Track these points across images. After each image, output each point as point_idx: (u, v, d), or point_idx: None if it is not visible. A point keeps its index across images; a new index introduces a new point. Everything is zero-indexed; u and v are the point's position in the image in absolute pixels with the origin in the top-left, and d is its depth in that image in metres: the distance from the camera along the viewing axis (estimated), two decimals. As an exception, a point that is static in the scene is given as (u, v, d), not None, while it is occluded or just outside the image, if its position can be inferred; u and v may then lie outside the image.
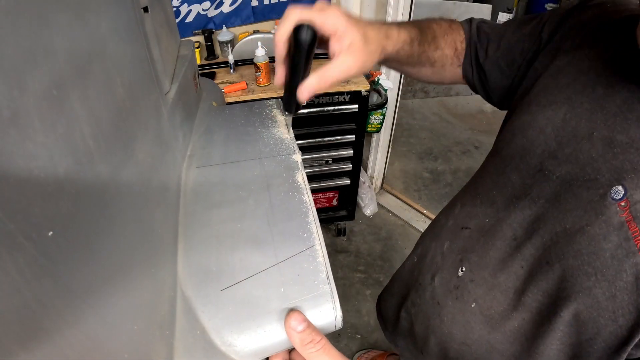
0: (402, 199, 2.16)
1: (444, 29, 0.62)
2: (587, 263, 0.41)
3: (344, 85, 1.46)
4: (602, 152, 0.42)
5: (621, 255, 0.38)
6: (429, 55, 0.60)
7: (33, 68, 0.19)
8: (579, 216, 0.42)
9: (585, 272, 0.41)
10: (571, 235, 0.43)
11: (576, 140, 0.45)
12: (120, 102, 0.31)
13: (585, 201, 0.42)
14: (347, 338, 1.59)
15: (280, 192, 0.47)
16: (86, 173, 0.24)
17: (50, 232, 0.19)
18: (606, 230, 0.40)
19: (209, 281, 0.39)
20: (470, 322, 0.54)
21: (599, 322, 0.40)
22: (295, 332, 0.34)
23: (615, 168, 0.41)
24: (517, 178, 0.51)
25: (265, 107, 0.65)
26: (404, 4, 1.56)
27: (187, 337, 0.36)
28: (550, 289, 0.44)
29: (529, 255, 0.47)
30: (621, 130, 0.41)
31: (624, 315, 0.38)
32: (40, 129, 0.19)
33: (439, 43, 0.61)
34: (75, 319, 0.21)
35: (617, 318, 0.38)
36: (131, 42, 0.37)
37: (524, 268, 0.47)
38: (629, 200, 0.39)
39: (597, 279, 0.40)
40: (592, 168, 0.43)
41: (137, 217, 0.32)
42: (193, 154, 0.54)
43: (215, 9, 1.63)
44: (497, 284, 0.50)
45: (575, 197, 0.43)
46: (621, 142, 0.41)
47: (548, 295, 0.45)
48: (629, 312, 0.38)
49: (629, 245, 0.38)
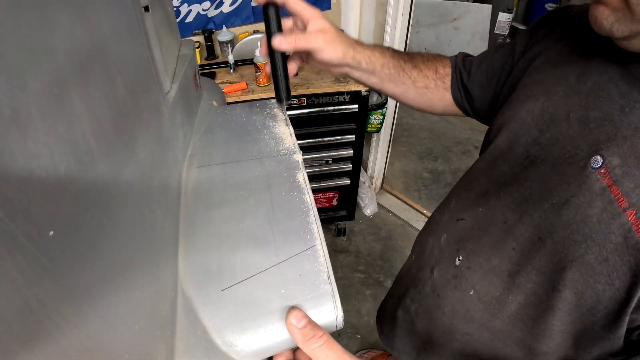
0: (402, 199, 2.16)
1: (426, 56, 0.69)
2: (576, 231, 0.43)
3: (344, 85, 1.46)
4: (580, 130, 0.45)
5: (607, 218, 0.40)
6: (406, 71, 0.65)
7: (34, 67, 0.19)
8: (564, 190, 0.45)
9: (576, 240, 0.42)
10: (558, 209, 0.45)
11: (555, 124, 0.48)
12: (121, 101, 0.31)
13: (569, 175, 0.45)
14: (347, 338, 1.58)
15: (281, 192, 0.47)
16: (87, 172, 0.24)
17: (51, 232, 0.19)
18: (590, 198, 0.42)
19: (209, 281, 0.38)
20: (470, 310, 0.56)
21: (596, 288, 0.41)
22: (297, 329, 0.34)
23: (593, 141, 0.44)
24: (506, 168, 0.54)
25: (266, 107, 0.65)
26: (404, 4, 1.56)
27: (188, 337, 0.35)
28: (544, 266, 0.46)
29: (519, 235, 0.49)
30: (594, 108, 0.45)
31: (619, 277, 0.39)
32: (41, 128, 0.19)
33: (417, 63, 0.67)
34: (76, 319, 0.21)
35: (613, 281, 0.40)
36: (132, 41, 0.37)
37: (516, 249, 0.49)
38: (607, 167, 0.41)
39: (587, 245, 0.41)
40: (572, 145, 0.46)
41: (138, 217, 0.32)
42: (194, 154, 0.54)
43: (215, 9, 1.63)
44: (492, 267, 0.53)
45: (558, 174, 0.46)
46: (595, 117, 0.44)
47: (542, 273, 0.46)
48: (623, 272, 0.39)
49: (613, 208, 0.40)
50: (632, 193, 0.39)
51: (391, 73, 0.64)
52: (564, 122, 0.47)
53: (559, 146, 0.47)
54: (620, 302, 0.39)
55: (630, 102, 0.42)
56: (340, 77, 1.52)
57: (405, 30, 1.65)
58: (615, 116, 0.42)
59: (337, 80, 1.50)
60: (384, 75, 0.64)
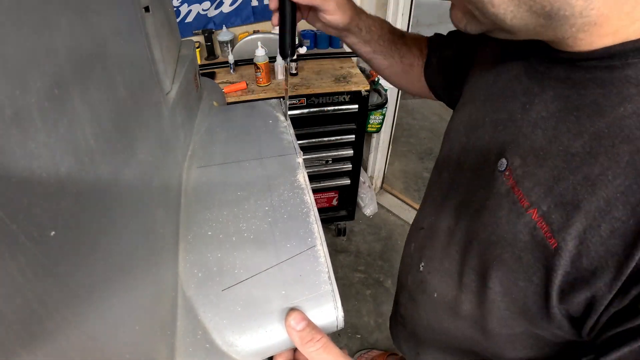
0: (402, 199, 2.16)
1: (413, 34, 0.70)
2: (492, 233, 0.44)
3: (344, 85, 1.46)
4: (492, 133, 0.46)
5: (513, 218, 0.41)
6: (397, 47, 0.67)
7: (35, 67, 0.19)
8: (480, 194, 0.47)
9: (492, 241, 0.44)
10: (478, 213, 0.46)
11: (475, 130, 0.50)
12: (121, 102, 0.31)
13: (483, 180, 0.46)
14: (347, 338, 1.59)
15: (281, 192, 0.47)
16: (88, 173, 0.24)
17: (53, 232, 0.19)
18: (499, 200, 0.43)
19: (210, 281, 0.39)
20: (439, 311, 0.58)
21: (519, 285, 0.42)
22: (295, 331, 0.34)
23: (500, 143, 0.44)
24: (446, 176, 0.56)
25: (266, 107, 0.65)
26: (404, 4, 1.56)
27: (189, 337, 0.36)
28: (476, 265, 0.47)
29: (459, 239, 0.51)
30: (502, 109, 0.45)
31: (535, 273, 0.40)
32: (42, 129, 0.19)
33: (407, 40, 0.68)
34: (77, 319, 0.21)
35: (531, 277, 0.40)
36: (132, 41, 0.37)
37: (458, 252, 0.51)
38: (511, 168, 0.42)
39: (502, 246, 0.42)
40: (486, 149, 0.47)
41: (139, 217, 0.32)
42: (194, 154, 0.54)
43: (215, 9, 1.63)
44: (444, 270, 0.54)
45: (477, 178, 0.48)
46: (503, 119, 0.45)
47: (476, 272, 0.48)
48: (537, 269, 0.39)
49: (517, 208, 0.41)
50: (531, 192, 0.39)
51: (384, 46, 0.66)
52: (481, 128, 0.48)
53: (477, 151, 0.48)
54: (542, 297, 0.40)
55: (530, 98, 0.42)
56: (340, 77, 1.52)
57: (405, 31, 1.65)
58: (518, 115, 0.43)
59: (337, 80, 1.50)
60: (377, 47, 0.66)
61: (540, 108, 0.40)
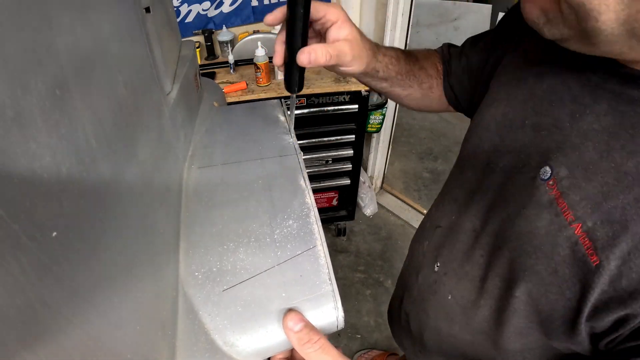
0: (402, 199, 2.16)
1: (423, 53, 0.67)
2: (526, 242, 0.43)
3: (344, 85, 1.46)
4: (532, 137, 0.44)
5: (554, 230, 0.40)
6: (415, 74, 0.63)
7: (36, 68, 0.19)
8: (517, 201, 0.45)
9: (526, 251, 0.43)
10: (512, 220, 0.45)
11: (512, 130, 0.47)
12: (122, 102, 0.31)
13: (521, 186, 0.44)
14: (347, 338, 1.59)
15: (281, 193, 0.47)
16: (89, 173, 0.24)
17: (54, 233, 0.19)
18: (539, 210, 0.42)
19: (210, 281, 0.39)
20: (450, 314, 0.57)
21: (549, 297, 0.41)
22: (293, 332, 0.34)
23: (543, 150, 0.43)
24: (472, 175, 0.54)
25: (267, 107, 0.65)
26: (404, 4, 1.56)
27: (189, 337, 0.36)
28: (504, 273, 0.46)
29: (485, 243, 0.50)
30: (546, 114, 0.43)
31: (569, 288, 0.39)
32: (43, 129, 0.19)
33: (422, 63, 0.65)
34: (78, 319, 0.21)
35: (564, 291, 0.40)
36: (133, 42, 0.37)
37: (483, 257, 0.50)
38: (555, 179, 0.40)
39: (537, 257, 0.41)
40: (525, 154, 0.45)
41: (139, 217, 0.32)
42: (194, 154, 0.54)
43: (215, 9, 1.63)
44: (465, 274, 0.53)
45: (513, 184, 0.46)
46: (547, 124, 0.43)
47: (503, 280, 0.47)
48: (572, 284, 0.39)
49: (560, 220, 0.40)
50: (577, 206, 0.38)
51: (402, 79, 0.62)
52: (520, 129, 0.46)
53: (515, 154, 0.46)
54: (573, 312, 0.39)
55: (581, 107, 0.40)
56: (340, 77, 1.52)
57: (405, 31, 1.66)
58: (566, 123, 0.41)
59: (337, 80, 1.50)
60: (394, 81, 0.62)
61: (592, 119, 0.39)
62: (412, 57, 0.64)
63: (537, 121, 0.44)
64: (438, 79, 0.66)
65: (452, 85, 0.65)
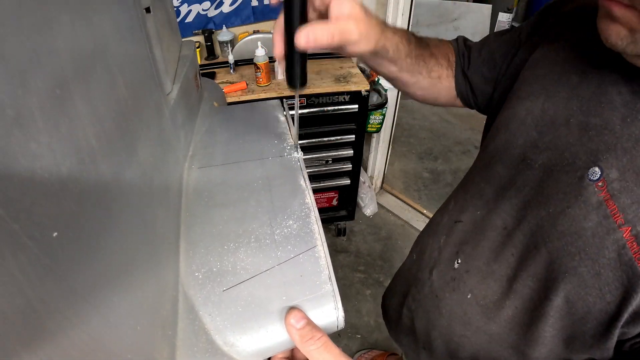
0: (402, 199, 2.16)
1: (435, 41, 0.63)
2: (570, 243, 0.42)
3: (344, 85, 1.46)
4: (579, 137, 0.43)
5: (602, 232, 0.39)
6: (425, 60, 0.60)
7: (36, 68, 0.19)
8: (560, 199, 0.44)
9: (569, 252, 0.42)
10: (554, 218, 0.44)
11: (554, 127, 0.46)
12: (122, 102, 0.31)
13: (565, 184, 0.43)
14: (347, 338, 1.58)
15: (282, 193, 0.47)
16: (89, 173, 0.24)
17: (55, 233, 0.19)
18: (586, 210, 0.41)
19: (211, 281, 0.39)
20: (468, 313, 0.55)
21: (587, 300, 0.41)
22: (295, 329, 0.34)
23: (591, 150, 0.42)
24: (502, 170, 0.52)
25: (267, 107, 0.65)
26: (404, 4, 1.56)
27: (189, 337, 0.36)
28: (539, 274, 0.45)
29: (518, 242, 0.48)
30: (595, 114, 0.43)
31: (611, 292, 0.39)
32: (44, 129, 0.19)
33: (433, 50, 0.61)
34: (79, 319, 0.21)
35: (605, 295, 0.39)
36: (133, 42, 0.37)
37: (515, 255, 0.49)
38: (605, 180, 0.40)
39: (581, 258, 0.41)
40: (570, 152, 0.44)
41: (140, 217, 0.32)
42: (195, 154, 0.54)
43: (215, 9, 1.62)
44: (491, 272, 0.52)
45: (556, 182, 0.45)
46: (595, 125, 0.42)
47: (537, 280, 0.46)
48: (615, 288, 0.38)
49: (608, 223, 0.39)
50: (628, 209, 0.38)
51: (412, 62, 0.58)
52: (563, 127, 0.45)
53: (557, 152, 0.45)
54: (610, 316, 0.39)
55: (632, 112, 0.40)
56: (340, 77, 1.52)
57: (405, 31, 1.65)
58: (617, 125, 0.41)
59: (337, 80, 1.50)
60: (404, 65, 0.57)
61: None
62: (423, 42, 0.60)
63: (585, 121, 0.43)
64: (449, 70, 0.63)
65: (469, 77, 0.62)
